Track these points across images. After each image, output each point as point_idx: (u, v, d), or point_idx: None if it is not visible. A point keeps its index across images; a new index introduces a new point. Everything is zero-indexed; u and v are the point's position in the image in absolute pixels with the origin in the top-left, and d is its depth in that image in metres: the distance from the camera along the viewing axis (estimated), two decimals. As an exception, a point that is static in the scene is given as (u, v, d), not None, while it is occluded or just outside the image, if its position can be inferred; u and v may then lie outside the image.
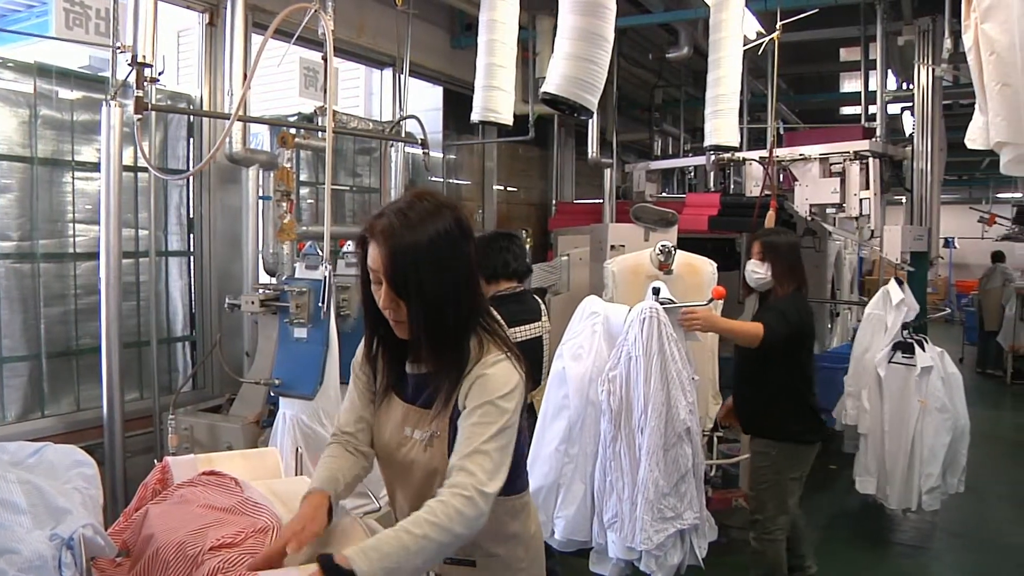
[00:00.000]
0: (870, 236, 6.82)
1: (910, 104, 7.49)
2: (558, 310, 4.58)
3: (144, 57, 3.46)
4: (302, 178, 5.49)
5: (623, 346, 3.28)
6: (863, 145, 6.67)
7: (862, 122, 7.86)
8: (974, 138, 2.75)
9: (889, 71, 8.04)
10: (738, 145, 5.41)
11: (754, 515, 3.80)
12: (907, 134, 8.14)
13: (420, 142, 5.28)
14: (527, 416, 1.92)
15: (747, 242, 3.91)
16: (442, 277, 1.70)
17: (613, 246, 5.09)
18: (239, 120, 4.16)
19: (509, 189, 8.73)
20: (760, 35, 6.03)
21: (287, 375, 3.78)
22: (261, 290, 4.11)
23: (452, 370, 1.75)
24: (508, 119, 4.64)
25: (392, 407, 1.87)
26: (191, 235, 4.92)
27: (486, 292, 3.13)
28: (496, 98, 4.56)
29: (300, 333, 3.81)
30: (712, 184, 8.73)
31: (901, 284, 5.18)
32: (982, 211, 15.31)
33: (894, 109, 8.79)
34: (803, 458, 3.78)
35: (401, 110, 5.78)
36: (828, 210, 7.18)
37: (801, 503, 3.91)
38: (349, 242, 4.41)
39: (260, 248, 4.65)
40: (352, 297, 4.08)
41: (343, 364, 3.66)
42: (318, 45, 4.36)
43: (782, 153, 6.83)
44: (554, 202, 8.96)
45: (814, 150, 6.80)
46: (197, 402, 4.61)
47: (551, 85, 3.87)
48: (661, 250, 4.23)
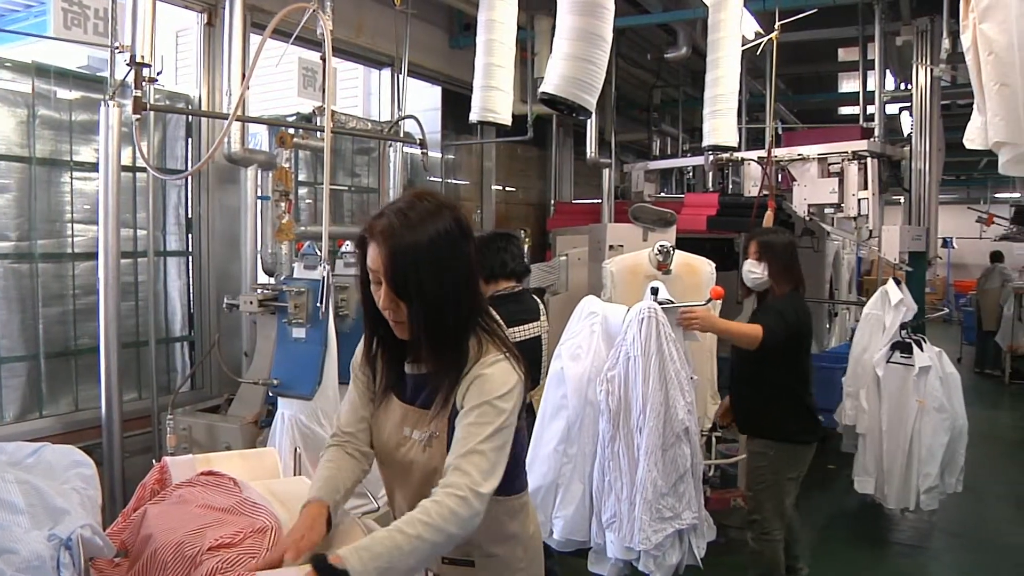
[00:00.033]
0: (868, 236, 6.83)
1: (908, 104, 7.50)
2: (556, 310, 4.58)
3: (142, 57, 3.46)
4: (300, 178, 5.49)
5: (621, 346, 3.28)
6: (861, 145, 6.68)
7: (860, 122, 7.86)
8: (972, 138, 2.75)
9: (887, 71, 8.05)
10: (736, 145, 5.41)
11: (752, 515, 3.80)
12: (905, 134, 8.15)
13: (418, 142, 5.28)
14: (526, 416, 1.92)
15: (744, 242, 3.91)
16: (442, 277, 1.69)
17: (612, 246, 5.09)
18: (237, 120, 4.16)
19: (508, 189, 8.73)
20: (759, 35, 6.03)
21: (285, 375, 3.78)
22: (259, 290, 4.12)
23: (451, 370, 1.75)
24: (506, 119, 4.64)
25: (391, 407, 1.87)
26: (189, 235, 4.92)
27: (484, 292, 3.14)
28: (494, 98, 4.56)
29: (298, 333, 3.81)
30: (710, 184, 8.74)
31: (899, 284, 5.19)
32: (980, 211, 15.34)
33: (892, 109, 8.80)
34: (801, 458, 3.78)
35: (399, 110, 5.77)
36: (826, 210, 7.19)
37: (799, 503, 3.92)
38: (347, 242, 4.41)
39: (258, 248, 4.64)
40: (350, 297, 4.08)
41: (342, 364, 3.66)
42: (317, 45, 4.36)
43: (780, 153, 6.84)
44: (552, 202, 8.97)
45: (812, 150, 6.81)
46: (195, 402, 4.60)
47: (549, 85, 3.87)
48: (659, 250, 4.23)
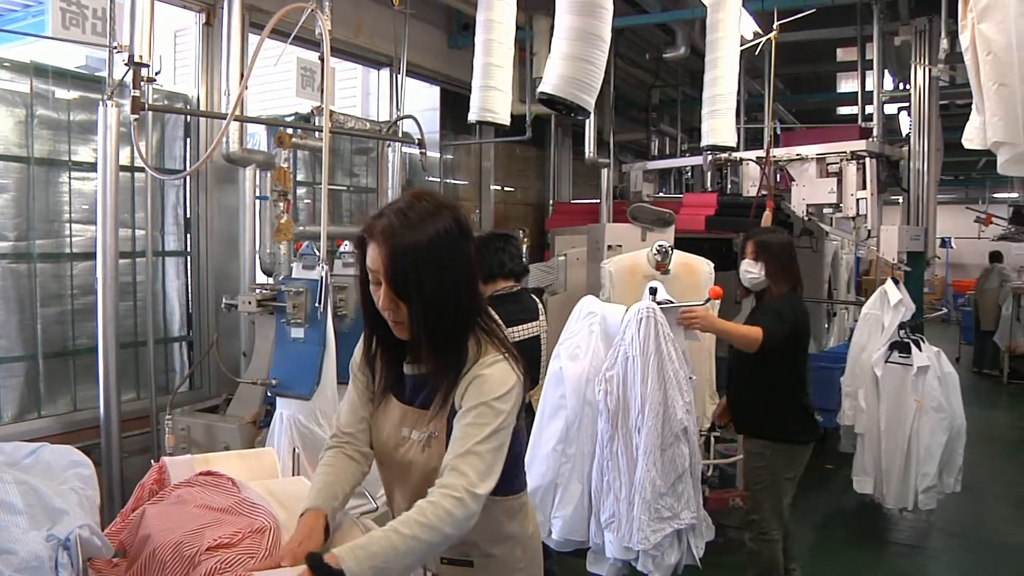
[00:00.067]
0: (867, 236, 6.84)
1: (907, 104, 7.52)
2: (555, 310, 4.59)
3: (141, 57, 3.45)
4: (299, 178, 5.48)
5: (620, 346, 3.28)
6: (860, 145, 6.69)
7: (859, 122, 7.87)
8: (971, 138, 2.75)
9: (886, 71, 8.05)
10: (735, 145, 5.41)
11: (750, 515, 3.79)
12: (904, 134, 8.16)
13: (417, 142, 5.28)
14: (525, 416, 1.91)
15: (741, 242, 3.91)
16: (442, 277, 1.69)
17: (610, 246, 5.09)
18: (236, 120, 4.16)
19: (506, 189, 8.72)
20: (757, 35, 6.03)
21: (284, 375, 3.78)
22: (258, 290, 4.11)
23: (450, 370, 1.75)
24: (505, 119, 4.64)
25: (390, 408, 1.87)
26: (188, 235, 4.91)
27: (483, 292, 3.14)
28: (493, 98, 4.56)
29: (297, 333, 3.81)
30: (709, 184, 8.76)
31: (898, 284, 5.19)
32: (978, 211, 15.38)
33: (891, 109, 8.81)
34: (798, 458, 3.78)
35: (398, 110, 5.77)
36: (825, 210, 7.20)
37: (797, 503, 3.91)
38: (346, 242, 4.41)
39: (257, 248, 4.64)
40: (349, 297, 4.08)
41: (340, 364, 3.66)
42: (315, 45, 4.36)
43: (779, 153, 6.86)
44: (551, 202, 8.97)
45: (811, 150, 6.82)
46: (194, 402, 4.60)
47: (548, 85, 3.87)
48: (658, 250, 4.24)
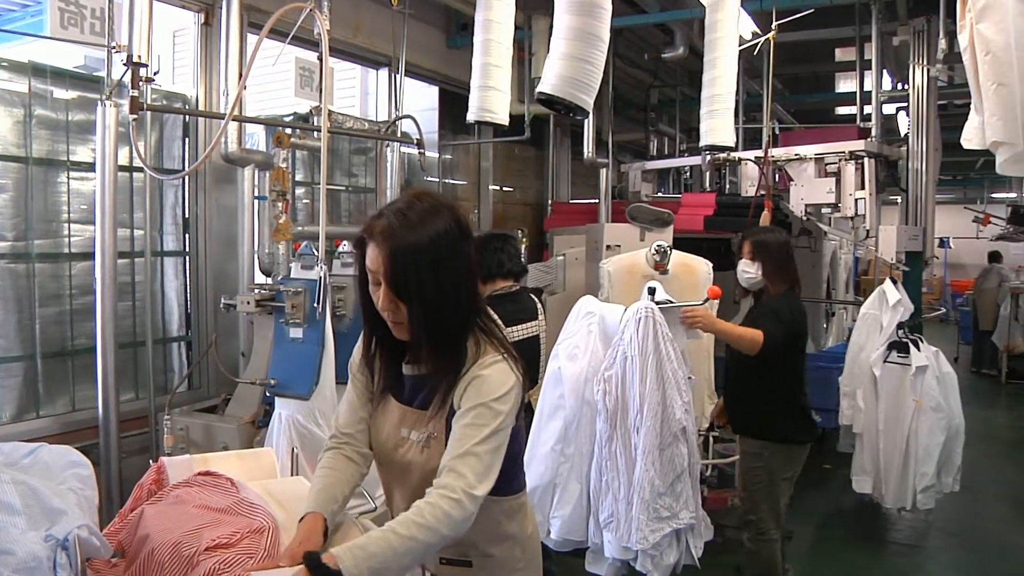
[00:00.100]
0: (865, 236, 6.84)
1: (905, 104, 7.51)
2: (554, 310, 4.59)
3: (139, 57, 3.44)
4: (298, 178, 5.48)
5: (619, 346, 3.28)
6: (858, 145, 6.69)
7: (857, 122, 7.87)
8: (970, 138, 2.76)
9: (884, 71, 8.06)
10: (734, 145, 5.41)
11: (748, 516, 3.78)
12: (902, 134, 8.15)
13: (416, 142, 5.28)
14: (524, 415, 1.91)
15: (738, 242, 3.91)
16: (442, 277, 1.69)
17: (609, 246, 5.09)
18: (234, 120, 4.16)
19: (505, 189, 8.72)
20: (756, 35, 6.03)
21: (283, 375, 3.78)
22: (257, 290, 4.11)
23: (449, 371, 1.74)
24: (504, 119, 4.64)
25: (389, 408, 1.87)
26: (187, 235, 4.91)
27: (481, 292, 3.14)
28: (492, 98, 4.56)
29: (296, 333, 3.81)
30: (708, 184, 8.76)
31: (896, 284, 5.19)
32: (977, 211, 15.38)
33: (889, 109, 8.81)
34: (796, 458, 3.78)
35: (397, 110, 5.77)
36: (824, 210, 7.21)
37: (795, 503, 3.92)
38: (344, 242, 4.41)
39: (256, 248, 4.64)
40: (348, 297, 4.08)
41: (339, 364, 3.65)
42: (314, 45, 4.36)
43: (778, 153, 6.86)
44: (550, 202, 8.97)
45: (809, 150, 6.82)
46: (193, 402, 4.60)
47: (547, 85, 3.87)
48: (657, 250, 4.23)
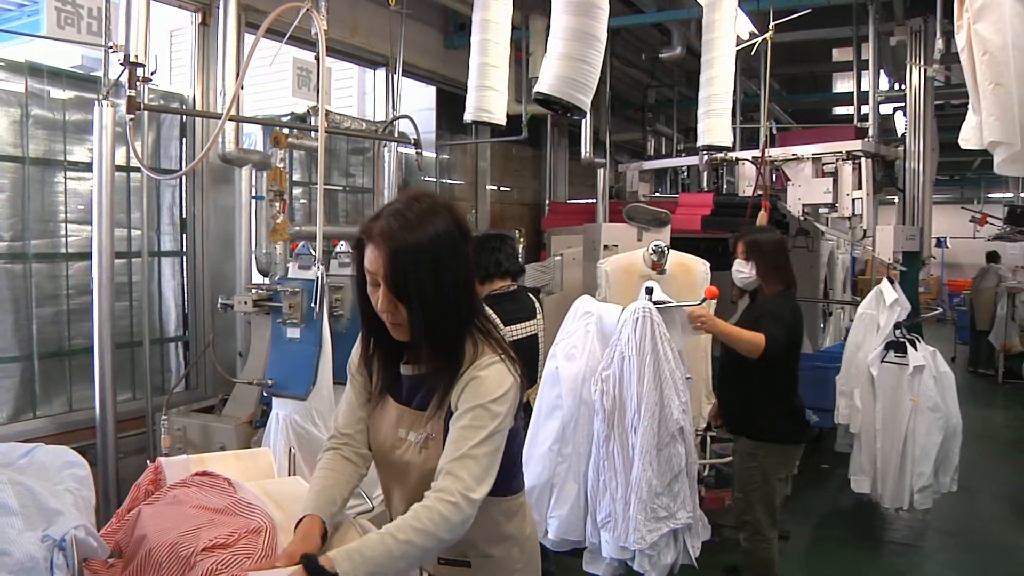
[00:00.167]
0: (862, 236, 6.85)
1: (902, 104, 7.53)
2: (551, 310, 4.58)
3: (136, 57, 3.44)
4: (295, 178, 5.47)
5: (616, 346, 3.28)
6: (856, 145, 6.71)
7: (854, 122, 7.90)
8: (968, 138, 2.76)
9: (881, 71, 8.07)
10: (731, 145, 5.42)
11: (743, 516, 3.77)
12: (899, 134, 8.16)
13: (413, 142, 5.28)
14: (523, 415, 1.91)
15: (732, 241, 3.90)
16: (442, 278, 1.68)
17: (606, 246, 5.10)
18: (231, 120, 4.15)
19: (502, 189, 8.72)
20: (753, 35, 6.04)
21: (280, 375, 3.78)
22: (254, 290, 4.11)
23: (448, 372, 1.74)
24: (501, 119, 4.64)
25: (387, 409, 1.87)
26: (184, 235, 4.90)
27: (480, 292, 3.14)
28: (489, 98, 4.56)
29: (293, 333, 3.81)
30: (705, 184, 8.78)
31: (893, 284, 5.19)
32: (974, 211, 15.41)
33: (886, 109, 8.83)
34: (790, 458, 3.79)
35: (394, 110, 5.77)
36: (821, 210, 7.22)
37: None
38: (342, 242, 4.41)
39: (253, 248, 4.64)
40: (345, 297, 4.07)
41: (336, 364, 3.65)
42: (311, 45, 4.35)
43: (775, 153, 6.87)
44: (547, 202, 8.98)
45: (807, 150, 6.84)
46: (190, 402, 4.60)
47: (544, 85, 3.87)
48: (654, 250, 4.24)
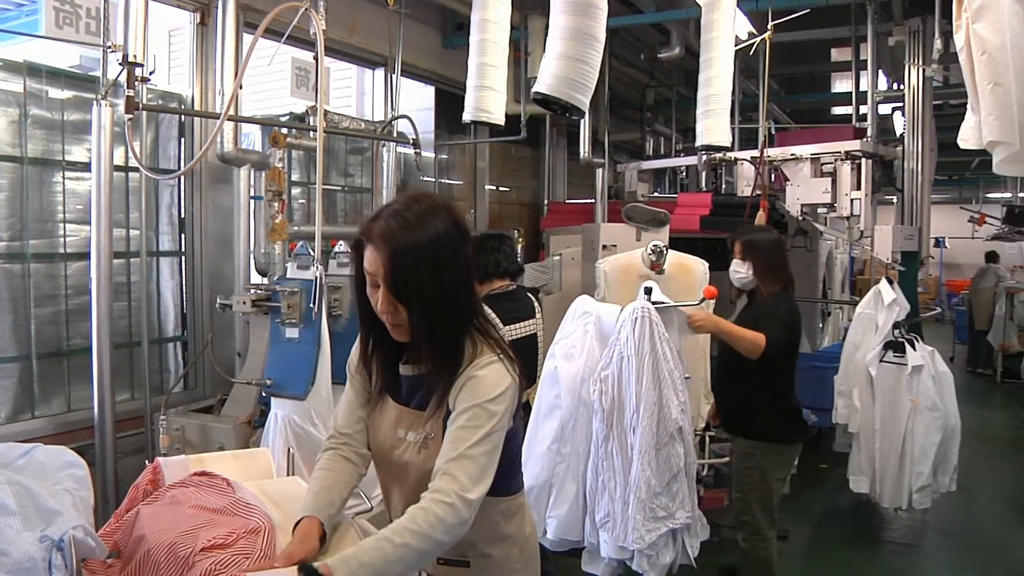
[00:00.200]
0: (860, 236, 6.86)
1: (901, 104, 7.54)
2: (550, 310, 4.57)
3: (135, 56, 3.44)
4: (294, 178, 5.47)
5: (615, 346, 3.28)
6: (854, 145, 6.72)
7: (853, 122, 7.91)
8: (966, 138, 2.77)
9: (880, 71, 8.08)
10: (729, 145, 5.43)
11: (741, 516, 3.77)
12: (898, 134, 8.18)
13: (412, 142, 5.27)
14: (523, 415, 1.91)
15: (729, 241, 3.90)
16: (442, 278, 1.68)
17: (605, 246, 5.09)
18: (230, 120, 4.15)
19: (501, 189, 8.72)
20: (751, 35, 6.04)
21: (279, 375, 3.78)
22: (253, 290, 4.11)
23: (448, 372, 1.74)
24: (500, 119, 4.64)
25: (386, 409, 1.86)
26: (182, 235, 4.90)
27: (478, 292, 3.14)
28: (488, 98, 4.56)
29: (292, 333, 3.81)
30: (704, 184, 8.80)
31: (892, 284, 5.19)
32: (972, 211, 15.42)
33: (885, 109, 8.85)
34: (788, 458, 3.78)
35: (393, 110, 5.77)
36: (819, 210, 7.24)
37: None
38: (341, 242, 4.41)
39: (252, 248, 4.63)
40: (344, 297, 4.07)
41: (335, 364, 3.65)
42: (310, 44, 4.34)
43: (773, 153, 6.88)
44: (546, 202, 8.97)
45: (805, 150, 6.85)
46: (188, 402, 4.60)
47: (543, 85, 3.87)
48: (653, 250, 4.23)
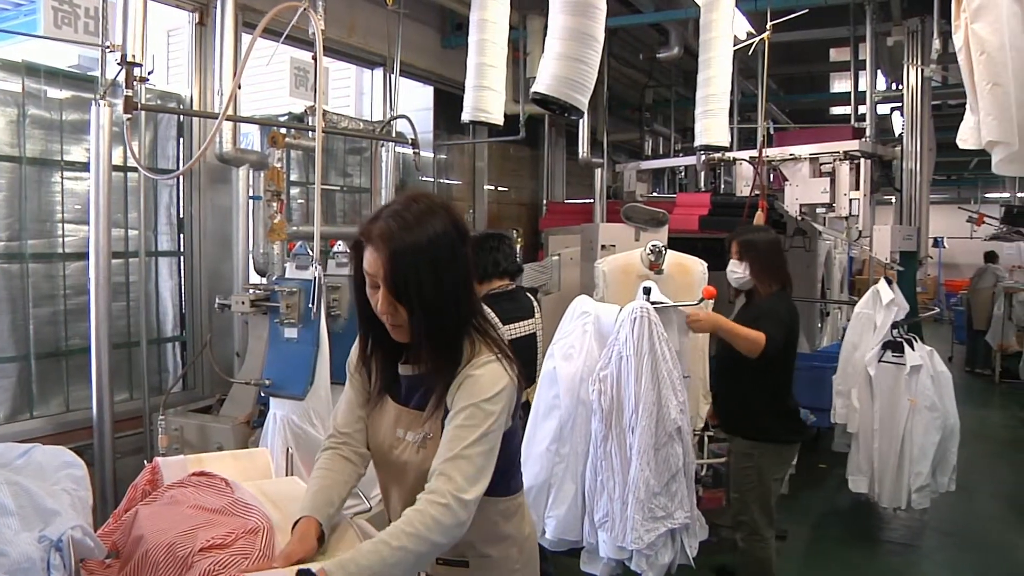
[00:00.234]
0: (858, 236, 6.86)
1: (899, 104, 7.54)
2: (549, 310, 4.57)
3: (133, 56, 3.44)
4: (292, 178, 5.47)
5: (614, 346, 3.28)
6: (853, 145, 6.72)
7: (852, 122, 7.91)
8: (965, 138, 2.77)
9: (879, 71, 8.09)
10: (728, 145, 5.43)
11: (739, 516, 3.76)
12: (896, 134, 8.18)
13: (410, 142, 5.27)
14: (522, 414, 1.91)
15: (727, 241, 3.90)
16: (442, 278, 1.68)
17: (604, 246, 5.09)
18: (229, 120, 4.15)
19: (500, 189, 8.72)
20: (750, 35, 6.05)
21: (277, 375, 3.78)
22: (251, 290, 4.11)
23: (447, 371, 1.74)
24: (498, 119, 4.65)
25: (385, 409, 1.86)
26: (181, 235, 4.90)
27: (478, 292, 3.14)
28: (486, 98, 4.57)
29: (290, 333, 3.80)
30: (702, 184, 8.79)
31: (890, 283, 5.20)
32: (971, 211, 15.40)
33: (884, 109, 8.85)
34: (785, 458, 3.78)
35: (392, 110, 5.77)
36: (818, 210, 7.23)
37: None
38: (339, 242, 4.41)
39: (250, 248, 4.63)
40: (343, 297, 4.08)
41: (334, 364, 3.65)
42: (308, 44, 4.34)
43: (772, 153, 6.87)
44: (545, 202, 8.97)
45: (804, 150, 6.84)
46: (187, 403, 4.59)
47: (541, 85, 3.88)
48: (651, 250, 4.23)
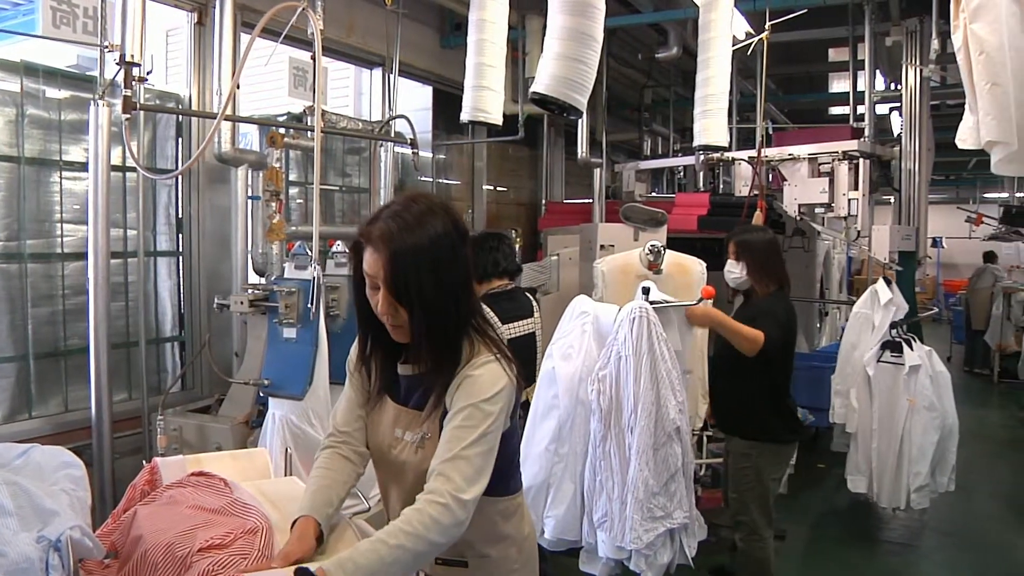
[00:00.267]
0: (857, 236, 6.86)
1: (898, 104, 7.55)
2: (548, 310, 4.57)
3: (132, 56, 3.44)
4: (291, 178, 5.47)
5: (613, 345, 3.28)
6: (852, 145, 6.72)
7: (851, 122, 7.91)
8: (964, 138, 2.77)
9: (877, 71, 8.08)
10: (727, 145, 5.43)
11: (738, 516, 3.77)
12: (895, 134, 8.19)
13: (409, 142, 5.27)
14: (522, 414, 1.91)
15: (725, 242, 3.90)
16: (442, 279, 1.68)
17: (603, 246, 5.09)
18: (227, 120, 4.15)
19: (499, 189, 8.72)
20: (749, 35, 6.05)
21: (276, 375, 3.77)
22: (250, 290, 4.11)
23: (446, 371, 1.74)
24: (497, 119, 4.65)
25: (384, 409, 1.86)
26: (180, 235, 4.90)
27: (477, 292, 3.14)
28: (485, 98, 4.57)
29: (289, 333, 3.80)
30: (701, 184, 8.80)
31: (889, 283, 5.20)
32: (969, 211, 15.40)
33: (882, 109, 8.85)
34: (784, 458, 3.78)
35: (390, 110, 5.77)
36: (817, 210, 7.23)
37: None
38: (338, 242, 4.41)
39: (249, 248, 4.63)
40: (341, 297, 4.08)
41: (333, 364, 3.65)
42: (307, 44, 4.35)
43: (771, 153, 6.88)
44: (544, 202, 8.97)
45: (803, 150, 6.85)
46: (186, 403, 4.59)
47: (540, 85, 3.88)
48: (650, 250, 4.23)
